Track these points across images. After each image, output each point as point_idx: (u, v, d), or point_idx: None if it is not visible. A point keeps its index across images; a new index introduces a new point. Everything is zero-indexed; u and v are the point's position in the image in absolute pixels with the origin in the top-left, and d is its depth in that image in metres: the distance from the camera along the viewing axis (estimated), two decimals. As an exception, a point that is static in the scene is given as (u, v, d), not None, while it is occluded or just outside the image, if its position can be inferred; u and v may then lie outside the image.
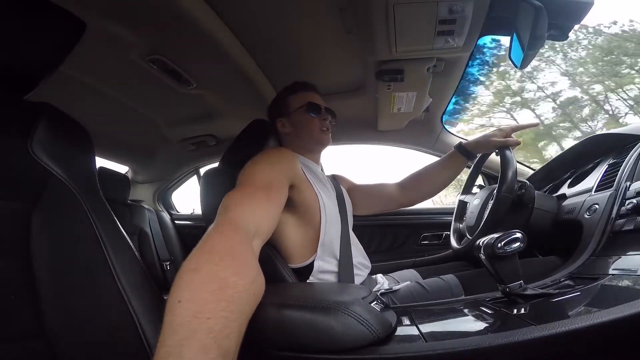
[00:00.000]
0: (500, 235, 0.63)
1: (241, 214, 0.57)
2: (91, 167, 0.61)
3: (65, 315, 0.49)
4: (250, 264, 0.47)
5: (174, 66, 1.10)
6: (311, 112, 0.98)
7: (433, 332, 0.59)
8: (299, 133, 1.00)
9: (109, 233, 0.54)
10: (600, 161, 1.07)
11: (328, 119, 1.01)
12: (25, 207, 0.49)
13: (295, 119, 1.00)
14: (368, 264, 0.99)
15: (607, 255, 0.73)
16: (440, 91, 1.32)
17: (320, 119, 0.99)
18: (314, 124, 0.98)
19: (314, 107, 0.99)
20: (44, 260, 0.49)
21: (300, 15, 0.95)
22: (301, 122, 0.99)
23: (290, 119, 1.00)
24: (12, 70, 0.54)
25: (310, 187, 0.88)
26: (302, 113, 0.98)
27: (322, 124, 0.99)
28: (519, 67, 0.91)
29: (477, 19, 0.89)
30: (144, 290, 0.54)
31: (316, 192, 0.88)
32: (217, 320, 0.35)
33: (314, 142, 1.00)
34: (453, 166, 1.15)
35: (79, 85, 1.16)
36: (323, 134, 1.00)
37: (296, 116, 0.99)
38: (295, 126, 1.00)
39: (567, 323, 0.45)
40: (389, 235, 1.80)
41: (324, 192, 0.92)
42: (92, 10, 0.81)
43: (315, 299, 0.59)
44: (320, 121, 0.99)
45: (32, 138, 0.51)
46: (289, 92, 1.02)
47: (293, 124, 1.00)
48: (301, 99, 0.99)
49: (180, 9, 0.84)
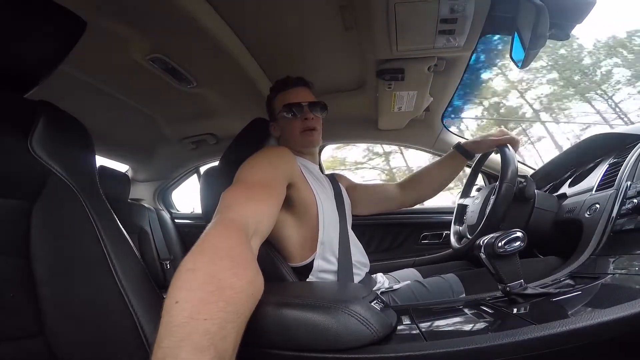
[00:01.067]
0: (500, 235, 0.63)
1: (240, 212, 0.56)
2: (91, 165, 0.61)
3: (64, 314, 0.49)
4: (248, 264, 0.46)
5: (174, 65, 1.10)
6: (289, 113, 0.93)
7: (433, 331, 0.59)
8: (284, 136, 0.99)
9: (109, 231, 0.54)
10: (600, 161, 1.07)
11: (310, 117, 0.94)
12: (25, 205, 0.49)
13: (280, 122, 0.98)
14: (367, 263, 0.99)
15: (608, 254, 0.73)
16: (441, 90, 1.32)
17: (301, 119, 0.94)
18: (294, 125, 0.94)
19: (291, 108, 0.93)
20: (43, 258, 0.49)
21: (301, 14, 0.95)
22: (284, 124, 0.97)
23: (278, 122, 0.99)
24: (13, 69, 0.54)
25: (308, 187, 0.88)
26: (282, 116, 0.95)
27: (303, 124, 0.94)
28: (520, 67, 0.90)
29: (479, 18, 0.89)
30: (144, 289, 0.54)
31: (313, 192, 0.88)
32: (215, 322, 0.35)
33: (298, 144, 0.96)
34: (452, 166, 1.16)
35: (79, 83, 1.16)
36: (305, 135, 0.94)
37: (280, 119, 0.97)
38: (283, 129, 0.98)
39: (567, 322, 0.45)
40: (389, 234, 1.80)
41: (321, 191, 0.91)
42: (92, 8, 0.81)
43: (315, 298, 0.59)
44: (302, 121, 0.94)
45: (32, 136, 0.51)
46: (274, 93, 0.99)
47: (281, 127, 0.99)
48: (281, 100, 0.96)
49: (181, 8, 0.83)
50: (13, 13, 0.51)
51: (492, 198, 1.02)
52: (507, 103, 11.46)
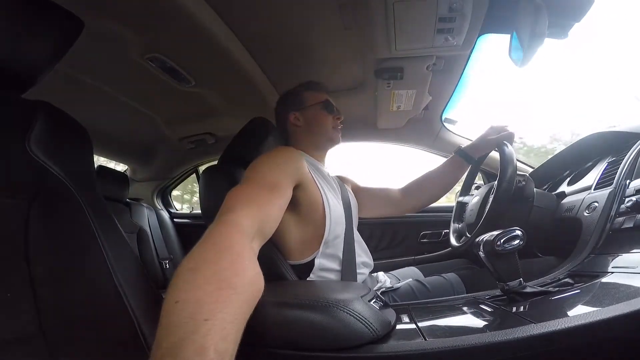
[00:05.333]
0: (499, 233, 0.63)
1: (243, 213, 0.56)
2: (89, 165, 0.61)
3: (62, 314, 0.49)
4: (250, 265, 0.46)
5: (173, 64, 1.10)
6: (327, 109, 1.01)
7: (432, 330, 0.59)
8: (311, 128, 1.01)
9: (107, 231, 0.54)
10: (599, 159, 1.07)
11: (341, 118, 1.04)
12: (23, 204, 0.49)
13: (309, 114, 1.01)
14: (371, 263, 0.99)
15: (607, 253, 0.73)
16: (439, 89, 1.32)
17: (334, 117, 1.02)
18: (328, 120, 1.01)
19: (330, 105, 1.02)
20: (41, 258, 0.49)
21: (299, 12, 0.94)
22: (316, 117, 1.01)
23: (304, 113, 1.01)
24: (10, 69, 0.54)
25: (316, 187, 0.88)
26: (318, 109, 1.01)
27: (335, 122, 1.02)
28: (519, 66, 0.90)
29: (477, 17, 0.89)
30: (142, 288, 0.54)
31: (321, 192, 0.88)
32: (215, 322, 0.35)
33: (327, 138, 1.02)
34: (454, 170, 1.16)
35: (77, 83, 1.16)
36: (335, 131, 1.02)
37: (311, 111, 1.01)
38: (309, 121, 1.01)
39: (566, 321, 0.45)
40: (388, 233, 1.80)
41: (329, 191, 0.92)
42: (90, 8, 0.81)
43: (314, 297, 0.59)
44: (334, 119, 1.02)
45: (29, 136, 0.51)
46: (304, 88, 1.04)
47: (307, 118, 1.01)
48: (317, 96, 1.02)
49: (179, 7, 0.83)
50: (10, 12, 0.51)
51: (491, 197, 1.02)
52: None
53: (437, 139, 1.68)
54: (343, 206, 0.96)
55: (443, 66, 1.14)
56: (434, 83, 1.23)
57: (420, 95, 1.29)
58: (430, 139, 1.69)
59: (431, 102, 1.40)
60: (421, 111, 1.45)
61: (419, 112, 1.45)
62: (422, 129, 1.64)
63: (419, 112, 1.43)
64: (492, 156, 1.37)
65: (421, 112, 1.46)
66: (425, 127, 1.63)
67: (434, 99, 1.37)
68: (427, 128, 1.63)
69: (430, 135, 1.67)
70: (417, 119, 1.54)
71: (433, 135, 1.67)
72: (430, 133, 1.66)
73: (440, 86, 1.30)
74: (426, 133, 1.67)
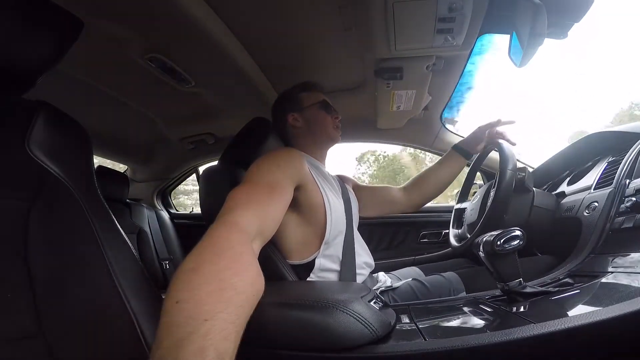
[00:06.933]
0: (499, 233, 0.63)
1: (244, 214, 0.56)
2: (89, 165, 0.60)
3: (62, 314, 0.49)
4: (250, 265, 0.46)
5: (172, 64, 1.10)
6: (325, 109, 1.02)
7: (432, 330, 0.59)
8: (312, 128, 1.01)
9: (107, 232, 0.54)
10: (599, 159, 1.07)
11: (339, 117, 1.05)
12: (22, 205, 0.49)
13: (308, 114, 1.01)
14: (372, 263, 1.00)
15: (607, 253, 0.73)
16: (439, 89, 1.32)
17: (332, 117, 1.03)
18: (327, 120, 1.02)
19: (328, 105, 1.03)
20: (41, 258, 0.49)
21: (299, 13, 0.94)
22: (315, 118, 1.01)
23: (303, 114, 1.02)
24: (10, 69, 0.54)
25: (317, 187, 0.88)
26: (316, 110, 1.02)
27: (334, 121, 1.04)
28: (518, 66, 0.90)
29: (477, 17, 0.89)
30: (142, 288, 0.54)
31: (322, 192, 0.88)
32: (215, 322, 0.35)
33: (327, 137, 1.03)
34: (452, 166, 1.17)
35: (77, 83, 1.16)
36: (335, 130, 1.04)
37: (309, 112, 1.01)
38: (308, 122, 1.01)
39: (566, 321, 0.45)
40: (388, 233, 1.80)
41: (330, 191, 0.92)
42: (90, 8, 0.81)
43: (314, 297, 0.59)
44: (333, 119, 1.03)
45: (29, 136, 0.51)
46: (300, 89, 1.04)
47: (306, 119, 1.02)
48: (314, 97, 1.03)
49: (178, 7, 0.83)
50: (10, 13, 0.51)
51: (493, 191, 1.02)
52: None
53: (437, 139, 1.68)
54: (344, 206, 0.96)
55: (443, 66, 1.14)
56: (433, 83, 1.24)
57: (420, 95, 1.29)
58: (430, 139, 1.69)
59: (431, 102, 1.40)
60: (421, 111, 1.45)
61: (419, 112, 1.45)
62: (422, 129, 1.64)
63: (418, 112, 1.43)
64: (492, 156, 1.37)
65: (421, 112, 1.46)
66: (425, 127, 1.63)
67: (434, 99, 1.38)
68: (427, 128, 1.63)
69: (430, 135, 1.67)
70: (417, 119, 1.54)
71: (433, 135, 1.67)
72: (430, 133, 1.66)
73: (440, 86, 1.30)
74: (426, 133, 1.67)
